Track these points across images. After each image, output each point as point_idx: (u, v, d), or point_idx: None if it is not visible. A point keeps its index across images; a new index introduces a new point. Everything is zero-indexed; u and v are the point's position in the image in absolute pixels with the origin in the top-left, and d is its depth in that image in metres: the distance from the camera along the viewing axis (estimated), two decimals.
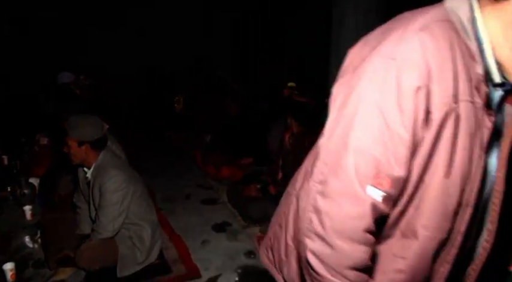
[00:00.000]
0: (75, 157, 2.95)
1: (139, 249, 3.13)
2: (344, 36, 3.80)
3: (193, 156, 5.69)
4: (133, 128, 6.79)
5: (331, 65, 3.99)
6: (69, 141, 2.89)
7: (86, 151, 2.92)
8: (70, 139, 2.89)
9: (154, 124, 7.42)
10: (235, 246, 3.71)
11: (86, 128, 2.90)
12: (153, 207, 3.31)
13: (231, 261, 3.46)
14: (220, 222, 4.11)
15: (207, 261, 3.45)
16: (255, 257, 3.53)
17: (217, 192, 4.82)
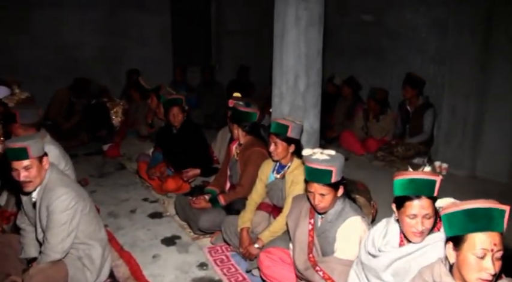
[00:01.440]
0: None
1: (89, 270, 3.07)
2: (286, 48, 3.92)
3: (136, 169, 5.60)
4: (69, 142, 6.56)
5: (274, 76, 4.09)
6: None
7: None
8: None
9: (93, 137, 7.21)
10: (187, 259, 3.70)
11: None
12: (102, 224, 3.26)
13: (184, 275, 3.45)
14: (169, 236, 4.08)
15: (159, 276, 3.43)
16: (208, 268, 3.55)
17: (163, 205, 4.78)
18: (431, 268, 1.88)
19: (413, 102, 6.11)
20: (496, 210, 1.64)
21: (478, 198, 1.76)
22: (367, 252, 2.32)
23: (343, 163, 2.58)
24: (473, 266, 1.65)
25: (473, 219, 1.64)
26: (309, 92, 3.99)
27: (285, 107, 4.00)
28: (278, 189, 3.43)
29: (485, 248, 1.63)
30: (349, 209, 2.63)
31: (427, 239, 2.11)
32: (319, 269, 2.62)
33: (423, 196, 2.05)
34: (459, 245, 1.69)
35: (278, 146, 3.32)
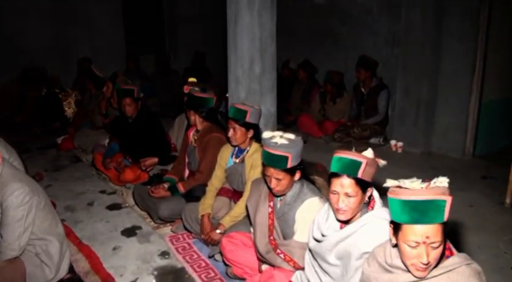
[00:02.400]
0: None
1: (47, 266, 3.00)
2: (240, 33, 3.90)
3: (92, 160, 5.47)
4: (22, 136, 6.33)
5: (229, 61, 4.07)
6: None
7: None
8: None
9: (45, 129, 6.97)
10: (148, 248, 3.67)
11: None
12: (58, 219, 3.19)
13: (146, 264, 3.43)
14: (129, 227, 4.03)
15: (121, 267, 3.39)
16: (170, 256, 3.54)
17: (122, 196, 4.71)
18: (383, 248, 1.91)
19: (367, 84, 6.21)
20: (433, 202, 1.61)
21: (432, 173, 1.77)
22: (313, 238, 2.35)
23: (302, 148, 2.58)
24: (407, 254, 1.67)
25: (407, 210, 1.64)
26: (264, 76, 3.99)
27: (242, 92, 3.99)
28: (237, 174, 3.42)
29: (416, 240, 1.63)
30: (307, 190, 2.64)
31: (361, 220, 2.14)
32: (280, 252, 2.64)
33: (345, 175, 2.07)
34: (396, 231, 1.72)
35: (237, 131, 3.31)
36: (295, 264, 2.59)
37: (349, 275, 2.16)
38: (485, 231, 3.83)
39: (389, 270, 1.83)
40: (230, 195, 3.54)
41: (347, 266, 2.17)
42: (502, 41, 5.59)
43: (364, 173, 2.06)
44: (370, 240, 2.07)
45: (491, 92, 5.69)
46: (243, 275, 3.02)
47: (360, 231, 2.13)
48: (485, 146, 5.84)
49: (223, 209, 3.47)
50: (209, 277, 3.25)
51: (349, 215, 2.13)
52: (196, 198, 3.66)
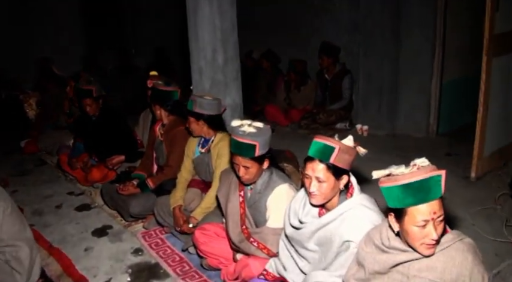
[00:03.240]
0: None
1: (18, 272, 2.93)
2: (200, 23, 3.86)
3: (57, 162, 5.36)
4: None
5: (192, 52, 4.03)
6: None
7: None
8: None
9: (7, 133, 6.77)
10: (121, 247, 3.63)
11: None
12: (27, 224, 3.11)
13: (119, 263, 3.40)
14: (100, 227, 3.98)
15: (94, 268, 3.35)
16: (143, 253, 3.51)
17: (90, 196, 4.63)
18: (379, 230, 1.93)
19: (330, 71, 6.26)
20: (432, 179, 1.66)
21: (398, 154, 1.80)
22: (290, 225, 2.36)
23: (270, 136, 2.59)
24: (417, 235, 1.70)
25: (410, 193, 1.66)
26: (228, 66, 3.98)
27: (206, 83, 3.97)
28: (204, 164, 3.42)
29: (425, 219, 1.66)
30: (276, 177, 2.66)
31: (341, 207, 2.16)
32: (254, 240, 2.65)
33: (317, 159, 2.09)
34: (401, 217, 1.73)
35: (191, 122, 3.35)
36: (269, 251, 2.60)
37: (328, 261, 2.18)
38: (453, 205, 3.93)
39: (386, 251, 1.86)
40: (201, 187, 3.53)
41: (327, 252, 2.19)
42: (459, 23, 5.71)
43: (337, 159, 2.07)
44: (351, 228, 2.09)
45: (451, 73, 5.83)
46: (218, 266, 3.03)
47: (340, 218, 2.14)
48: (447, 125, 5.99)
49: (195, 201, 3.46)
50: (184, 270, 3.24)
51: (321, 200, 2.14)
52: (167, 192, 3.62)
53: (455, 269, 1.72)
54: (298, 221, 2.31)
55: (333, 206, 2.19)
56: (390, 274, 1.86)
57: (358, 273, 1.97)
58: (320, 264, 2.22)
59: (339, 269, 2.10)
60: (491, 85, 4.23)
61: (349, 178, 2.20)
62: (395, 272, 1.84)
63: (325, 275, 2.13)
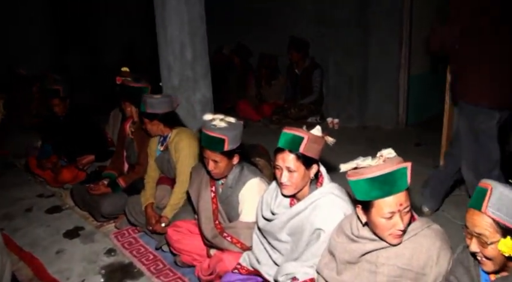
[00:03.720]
0: None
1: None
2: (168, 18, 3.81)
3: (26, 164, 5.24)
4: None
5: (160, 48, 3.98)
6: None
7: None
8: None
9: None
10: (93, 248, 3.58)
11: None
12: None
13: (92, 265, 3.35)
14: (72, 228, 3.90)
15: (66, 271, 3.29)
16: (116, 253, 3.47)
17: (61, 198, 4.54)
18: (349, 221, 1.95)
19: (300, 65, 6.30)
20: (398, 171, 1.67)
21: (368, 145, 1.82)
22: (263, 217, 2.37)
23: (240, 131, 2.59)
24: (384, 226, 1.72)
25: (376, 186, 1.67)
26: (197, 62, 3.95)
27: (175, 79, 3.93)
28: (165, 161, 3.41)
29: (392, 211, 1.68)
30: (248, 172, 2.66)
31: (311, 196, 2.18)
32: (227, 235, 2.65)
33: (287, 150, 2.11)
34: (368, 209, 1.75)
35: (146, 123, 3.36)
36: (242, 245, 2.61)
37: (299, 250, 2.20)
38: None
39: (356, 240, 1.89)
40: (170, 183, 3.51)
41: (298, 242, 2.21)
42: (426, 17, 5.80)
43: (306, 149, 2.09)
44: (322, 216, 2.11)
45: (419, 64, 5.93)
46: (192, 262, 3.01)
47: (311, 207, 2.16)
48: (416, 116, 6.10)
49: (166, 197, 3.43)
50: (158, 269, 3.22)
51: (293, 190, 2.16)
52: (138, 191, 3.59)
53: (422, 255, 1.76)
54: (270, 212, 2.32)
55: (303, 195, 2.21)
56: (360, 264, 1.89)
57: (331, 263, 2.00)
58: (292, 255, 2.24)
59: (311, 258, 2.12)
60: None
61: (319, 167, 2.23)
62: (365, 261, 1.87)
63: (297, 266, 2.14)
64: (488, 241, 1.48)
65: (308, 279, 2.10)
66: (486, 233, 1.47)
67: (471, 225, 1.52)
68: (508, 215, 1.43)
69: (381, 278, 1.82)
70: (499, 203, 1.44)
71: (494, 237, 1.46)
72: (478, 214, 1.49)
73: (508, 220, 1.43)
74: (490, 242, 1.47)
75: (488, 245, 1.48)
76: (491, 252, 1.49)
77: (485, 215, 1.46)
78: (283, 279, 2.15)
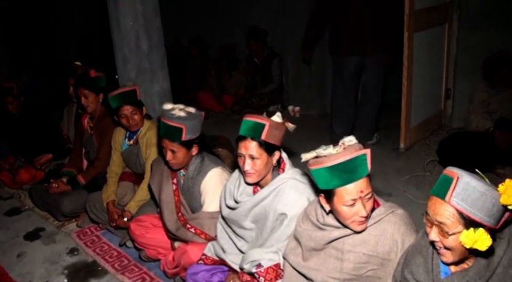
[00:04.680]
0: None
1: None
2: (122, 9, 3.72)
3: None
4: None
5: (115, 41, 3.88)
6: None
7: None
8: None
9: None
10: (55, 248, 3.52)
11: None
12: None
13: (55, 265, 3.29)
14: (32, 230, 3.82)
15: (28, 274, 3.21)
16: (79, 252, 3.42)
17: (19, 199, 4.42)
18: (314, 207, 1.95)
19: (259, 54, 6.29)
20: (357, 159, 1.66)
21: (329, 133, 1.81)
22: (226, 206, 2.37)
23: (200, 121, 2.57)
24: (347, 214, 1.72)
25: (336, 175, 1.65)
26: (153, 53, 3.88)
27: (131, 71, 3.85)
28: (134, 156, 3.34)
29: (353, 198, 1.67)
30: (208, 162, 2.65)
31: (274, 182, 2.19)
32: (190, 226, 2.63)
33: (249, 137, 2.10)
34: (330, 197, 1.74)
35: (132, 114, 3.23)
36: (206, 236, 2.59)
37: (264, 236, 2.21)
38: (385, 175, 4.12)
39: (322, 228, 1.88)
40: (133, 180, 3.45)
41: (262, 228, 2.22)
42: None
43: (268, 135, 2.09)
44: (285, 202, 2.12)
45: None
46: (157, 256, 2.99)
47: (274, 193, 2.16)
48: None
49: (127, 195, 3.38)
50: (123, 265, 3.17)
51: (256, 178, 2.16)
52: (99, 187, 3.52)
53: (387, 241, 1.77)
54: (233, 201, 2.32)
55: (266, 182, 2.21)
56: (326, 250, 1.89)
57: (297, 249, 2.00)
58: (257, 242, 2.25)
59: (275, 244, 2.13)
60: (414, 60, 4.39)
61: (281, 154, 2.22)
62: (331, 248, 1.87)
63: (262, 253, 2.15)
64: (449, 231, 1.43)
65: (273, 265, 2.10)
66: (448, 223, 1.42)
67: (433, 213, 1.47)
68: (473, 206, 1.38)
69: (347, 264, 1.82)
70: (464, 193, 1.38)
71: (456, 228, 1.42)
72: (441, 203, 1.44)
73: (472, 212, 1.38)
74: (451, 232, 1.43)
75: (449, 235, 1.44)
76: (452, 242, 1.45)
77: (449, 205, 1.41)
78: (249, 267, 2.15)
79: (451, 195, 1.40)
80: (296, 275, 2.00)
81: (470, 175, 1.41)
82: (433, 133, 4.93)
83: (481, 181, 1.40)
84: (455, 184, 1.40)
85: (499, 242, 1.48)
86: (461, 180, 1.40)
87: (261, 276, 2.09)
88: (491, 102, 4.14)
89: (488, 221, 1.38)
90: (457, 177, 1.41)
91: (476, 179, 1.40)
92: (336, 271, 1.84)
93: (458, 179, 1.40)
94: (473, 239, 1.36)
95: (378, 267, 1.79)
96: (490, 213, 1.38)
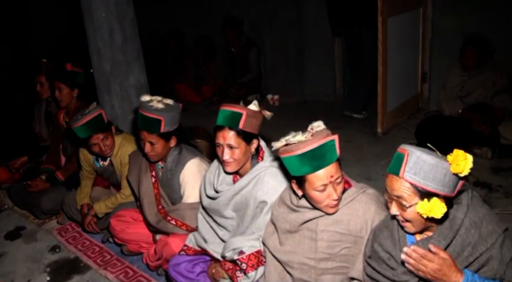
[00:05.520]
0: None
1: None
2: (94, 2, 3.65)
3: None
4: None
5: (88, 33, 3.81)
6: None
7: None
8: None
9: None
10: (37, 247, 3.50)
11: None
12: None
13: (37, 264, 3.27)
14: (12, 229, 3.79)
15: (10, 273, 3.19)
16: (61, 249, 3.40)
17: None
18: (289, 191, 1.98)
19: (236, 43, 6.25)
20: (326, 145, 1.69)
21: (309, 118, 1.82)
22: (207, 196, 2.37)
23: (178, 113, 2.56)
24: (319, 198, 1.76)
25: (306, 162, 1.69)
26: (128, 45, 3.81)
27: (106, 64, 3.77)
28: (110, 173, 3.27)
29: (324, 183, 1.71)
30: (186, 153, 2.64)
31: (253, 171, 2.19)
32: (171, 218, 2.63)
33: (226, 127, 2.10)
34: (301, 184, 1.78)
35: (103, 139, 3.07)
36: (187, 227, 2.59)
37: (245, 224, 2.22)
38: (363, 160, 4.16)
39: (296, 209, 1.92)
40: (107, 185, 3.43)
41: (243, 217, 2.23)
42: None
43: (245, 124, 2.08)
44: (264, 190, 2.13)
45: None
46: (139, 250, 2.99)
47: (254, 181, 2.17)
48: None
49: (102, 198, 3.32)
50: (105, 260, 3.16)
51: (235, 167, 2.16)
52: (78, 183, 3.49)
53: (359, 220, 1.82)
54: (214, 190, 2.32)
55: (246, 171, 2.22)
56: (300, 232, 1.93)
57: (274, 233, 2.03)
58: (238, 230, 2.26)
59: (256, 231, 2.15)
60: (389, 45, 4.41)
61: (259, 142, 2.23)
62: (305, 229, 1.91)
63: (243, 240, 2.16)
64: (407, 204, 1.51)
65: (255, 252, 2.12)
66: (405, 196, 1.50)
67: (390, 189, 1.54)
68: (426, 178, 1.45)
69: (321, 243, 1.86)
70: (416, 167, 1.46)
71: (412, 200, 1.49)
72: (397, 179, 1.51)
73: (425, 183, 1.45)
74: (408, 205, 1.50)
75: (407, 208, 1.52)
76: (410, 214, 1.52)
77: (403, 180, 1.48)
78: (230, 254, 2.16)
79: (404, 171, 1.47)
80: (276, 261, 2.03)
81: (421, 150, 1.49)
82: (410, 117, 4.98)
83: (431, 154, 1.47)
84: (406, 160, 1.48)
85: (458, 207, 1.56)
86: (412, 155, 1.47)
87: (243, 263, 2.11)
88: (465, 86, 4.19)
89: (443, 190, 1.46)
90: (407, 153, 1.48)
91: (427, 153, 1.47)
92: (311, 251, 1.89)
93: (409, 155, 1.48)
94: (428, 208, 1.44)
95: (351, 245, 1.84)
96: (443, 183, 1.45)
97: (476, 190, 3.48)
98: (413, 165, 1.46)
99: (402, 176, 1.48)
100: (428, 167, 1.45)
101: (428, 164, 1.45)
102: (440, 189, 1.45)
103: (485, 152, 3.95)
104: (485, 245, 1.51)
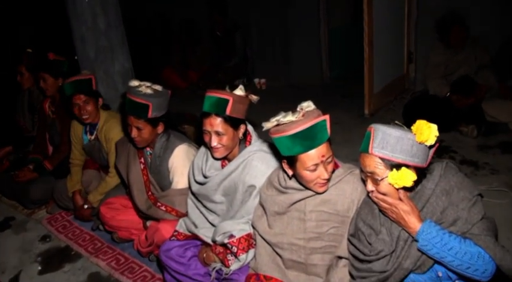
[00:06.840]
0: None
1: None
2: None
3: None
4: None
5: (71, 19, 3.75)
6: None
7: None
8: None
9: None
10: (27, 237, 3.49)
11: None
12: None
13: (27, 254, 3.27)
14: (1, 220, 3.78)
15: (1, 264, 3.19)
16: (51, 238, 3.40)
17: None
18: (277, 174, 2.00)
19: (221, 27, 6.21)
20: (317, 125, 1.70)
21: (296, 101, 1.83)
22: (196, 182, 2.37)
23: (167, 99, 2.54)
24: (309, 177, 1.77)
25: (297, 142, 1.70)
26: (111, 31, 3.76)
27: (90, 50, 3.73)
28: (96, 150, 3.27)
29: (315, 163, 1.73)
30: (174, 139, 2.63)
31: (241, 155, 2.19)
32: (161, 204, 2.63)
33: (213, 114, 2.09)
34: (292, 163, 1.79)
35: (87, 105, 3.11)
36: (177, 212, 2.59)
37: (235, 209, 2.23)
38: (351, 142, 4.16)
39: (284, 191, 1.93)
40: (97, 167, 3.41)
41: (233, 201, 2.23)
42: None
43: (232, 110, 2.07)
44: (253, 174, 2.13)
45: (338, 19, 6.01)
46: (130, 237, 3.00)
47: (242, 166, 2.17)
48: (340, 69, 6.22)
49: (93, 182, 3.33)
50: (96, 248, 3.17)
51: (224, 152, 2.16)
52: (66, 171, 3.47)
53: (346, 199, 1.85)
54: (202, 176, 2.32)
55: (234, 155, 2.22)
56: (289, 213, 1.95)
57: (263, 217, 2.05)
58: (228, 214, 2.27)
59: (246, 215, 2.16)
60: (374, 25, 4.41)
61: (246, 127, 2.22)
62: (294, 210, 1.93)
63: (233, 224, 2.17)
64: (379, 178, 1.58)
65: (245, 235, 2.13)
66: (376, 171, 1.57)
67: (363, 167, 1.62)
68: (393, 150, 1.53)
69: (309, 223, 1.89)
70: (383, 141, 1.54)
71: (384, 174, 1.57)
72: (367, 156, 1.59)
73: (393, 156, 1.53)
74: (380, 178, 1.58)
75: (380, 181, 1.59)
76: (384, 188, 1.60)
77: (373, 155, 1.56)
78: (221, 238, 2.17)
79: (372, 147, 1.56)
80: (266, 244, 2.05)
81: (387, 126, 1.56)
82: (397, 97, 5.00)
83: (396, 128, 1.55)
84: (373, 136, 1.57)
85: (429, 177, 1.63)
86: (378, 131, 1.56)
87: (233, 246, 2.12)
88: (449, 64, 4.21)
89: (412, 160, 1.54)
90: (373, 130, 1.57)
91: (392, 127, 1.56)
92: (300, 231, 1.91)
93: (374, 131, 1.57)
94: (398, 177, 1.53)
95: (339, 225, 1.87)
96: (411, 154, 1.53)
97: (463, 168, 3.53)
98: (380, 140, 1.54)
99: (371, 152, 1.56)
100: (394, 139, 1.53)
101: (393, 136, 1.53)
102: (409, 160, 1.53)
103: (471, 129, 3.99)
104: (456, 210, 1.58)
